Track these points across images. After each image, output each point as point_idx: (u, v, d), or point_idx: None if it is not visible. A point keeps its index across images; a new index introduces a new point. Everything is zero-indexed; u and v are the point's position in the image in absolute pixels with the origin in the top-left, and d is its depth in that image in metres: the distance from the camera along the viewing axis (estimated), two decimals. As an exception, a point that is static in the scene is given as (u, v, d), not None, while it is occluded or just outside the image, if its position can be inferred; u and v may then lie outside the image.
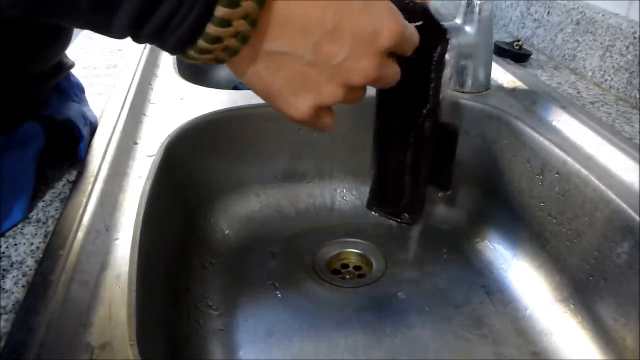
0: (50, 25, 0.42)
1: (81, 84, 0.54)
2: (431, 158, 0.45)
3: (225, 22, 0.26)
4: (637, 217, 0.43)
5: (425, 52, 0.35)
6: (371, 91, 0.35)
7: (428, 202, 0.49)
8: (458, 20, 0.62)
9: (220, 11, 0.26)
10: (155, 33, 0.27)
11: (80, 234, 0.39)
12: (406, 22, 0.31)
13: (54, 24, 0.42)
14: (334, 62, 0.29)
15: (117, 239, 0.40)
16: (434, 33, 0.38)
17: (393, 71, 0.33)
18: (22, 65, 0.42)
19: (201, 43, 0.27)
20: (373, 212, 0.52)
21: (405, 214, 0.49)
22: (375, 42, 0.30)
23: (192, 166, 0.60)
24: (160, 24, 0.26)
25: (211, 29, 0.26)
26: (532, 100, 0.61)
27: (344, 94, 0.31)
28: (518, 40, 0.74)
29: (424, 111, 0.42)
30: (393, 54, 0.32)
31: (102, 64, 0.71)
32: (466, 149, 0.60)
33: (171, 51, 0.28)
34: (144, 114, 0.60)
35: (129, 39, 0.28)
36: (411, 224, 0.50)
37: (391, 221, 0.50)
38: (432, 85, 0.41)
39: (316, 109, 0.32)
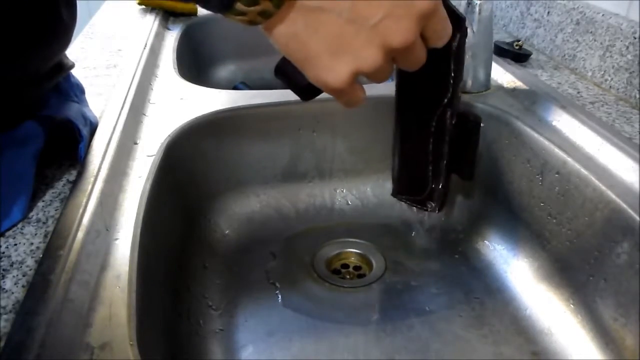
0: (49, 25, 0.42)
1: (81, 85, 0.54)
2: (453, 147, 0.45)
3: None
4: (637, 217, 0.43)
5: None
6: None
7: (450, 189, 0.49)
8: (458, 20, 0.62)
9: None
10: None
11: (80, 234, 0.39)
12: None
13: (51, 17, 0.41)
14: (372, 21, 0.30)
15: (117, 239, 0.40)
16: (451, 21, 0.38)
17: (423, 48, 0.33)
18: (21, 64, 0.42)
19: None
20: (399, 200, 0.52)
21: (430, 202, 0.49)
22: (413, 4, 0.30)
23: (192, 166, 0.60)
24: None
25: None
26: (532, 100, 0.61)
27: (383, 58, 0.31)
28: (518, 40, 0.74)
29: (445, 100, 0.42)
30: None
31: (102, 64, 0.71)
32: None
33: (218, 7, 0.29)
34: (144, 114, 0.60)
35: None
36: (437, 212, 0.50)
37: (413, 209, 0.51)
38: (452, 75, 0.41)
39: (354, 75, 0.31)
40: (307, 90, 0.34)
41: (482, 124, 0.48)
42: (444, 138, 0.44)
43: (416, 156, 0.47)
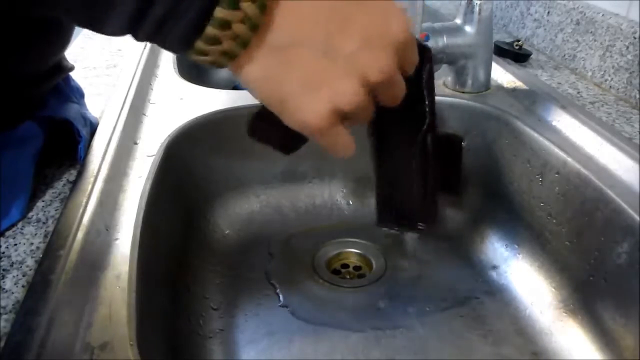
0: (49, 25, 0.42)
1: (81, 89, 0.54)
2: (438, 167, 0.46)
3: (233, 3, 0.25)
4: (637, 217, 0.43)
5: (415, 72, 0.36)
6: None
7: (440, 206, 0.49)
8: (458, 20, 0.62)
9: None
10: (156, 28, 0.26)
11: (80, 234, 0.39)
12: None
13: (49, 18, 0.41)
14: (347, 51, 0.28)
15: (117, 239, 0.40)
16: (419, 53, 0.39)
17: (402, 81, 0.32)
18: (20, 64, 0.42)
19: (209, 30, 0.25)
20: (385, 229, 0.52)
21: (420, 224, 0.49)
22: (388, 35, 0.29)
23: (192, 166, 0.60)
24: (162, 14, 0.25)
25: (219, 12, 0.25)
26: (532, 100, 0.61)
27: (362, 92, 0.29)
28: (518, 40, 0.74)
29: (424, 127, 0.43)
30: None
31: (102, 64, 0.71)
32: (466, 149, 0.60)
33: (176, 47, 0.27)
34: (144, 114, 0.60)
35: (128, 39, 0.28)
36: (429, 232, 0.50)
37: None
38: (426, 102, 0.42)
39: (334, 112, 0.29)
40: (286, 143, 0.33)
41: (464, 143, 0.49)
42: (428, 161, 0.45)
43: (400, 182, 0.48)
